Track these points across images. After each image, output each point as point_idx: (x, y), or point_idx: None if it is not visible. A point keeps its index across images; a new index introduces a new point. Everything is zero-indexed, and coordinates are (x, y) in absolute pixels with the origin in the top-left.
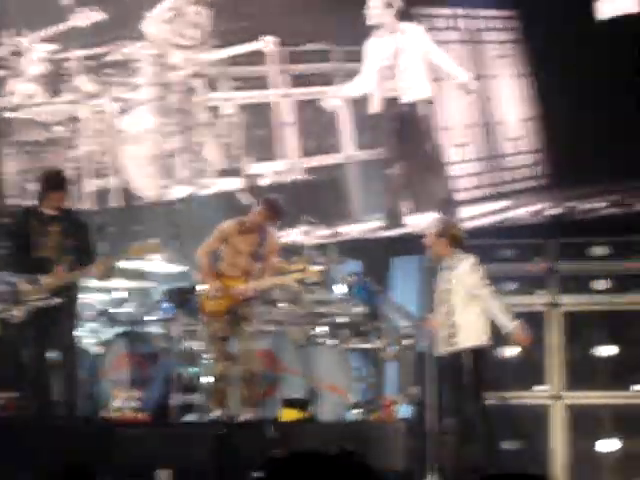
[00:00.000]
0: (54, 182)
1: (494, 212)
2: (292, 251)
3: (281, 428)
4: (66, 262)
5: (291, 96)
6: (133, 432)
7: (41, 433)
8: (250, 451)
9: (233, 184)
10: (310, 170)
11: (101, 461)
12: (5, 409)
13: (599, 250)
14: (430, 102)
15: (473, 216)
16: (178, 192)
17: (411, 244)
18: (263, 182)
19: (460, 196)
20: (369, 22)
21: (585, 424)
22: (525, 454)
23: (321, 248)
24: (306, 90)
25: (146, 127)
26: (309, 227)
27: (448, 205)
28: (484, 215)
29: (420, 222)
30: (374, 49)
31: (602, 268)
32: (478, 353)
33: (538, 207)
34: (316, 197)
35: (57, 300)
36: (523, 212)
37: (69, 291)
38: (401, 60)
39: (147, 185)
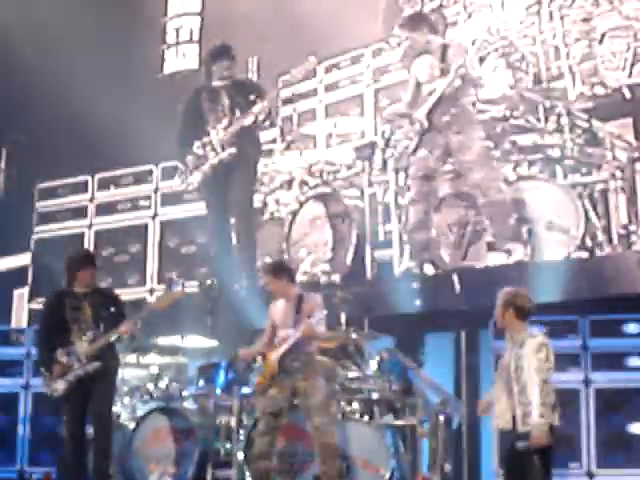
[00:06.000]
0: (81, 262)
1: None
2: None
3: None
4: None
5: None
6: None
7: None
8: None
9: None
10: None
11: None
12: None
13: (632, 327)
14: None
15: None
16: None
17: (444, 320)
18: None
19: None
20: None
21: None
22: None
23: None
24: None
25: None
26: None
27: None
28: None
29: None
30: None
31: (635, 345)
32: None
33: None
34: None
35: (95, 364)
36: None
37: (107, 359)
38: None
39: None
